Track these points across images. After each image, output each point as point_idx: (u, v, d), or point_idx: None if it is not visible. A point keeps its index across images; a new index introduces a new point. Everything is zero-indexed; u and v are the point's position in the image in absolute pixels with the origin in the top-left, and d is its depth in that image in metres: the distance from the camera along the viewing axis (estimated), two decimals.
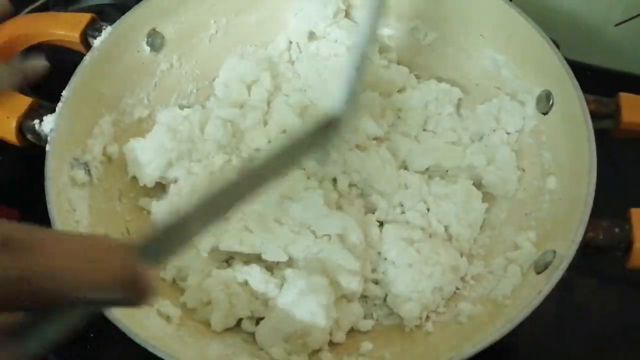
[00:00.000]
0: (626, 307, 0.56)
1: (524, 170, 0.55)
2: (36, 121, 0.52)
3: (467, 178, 0.55)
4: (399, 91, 0.60)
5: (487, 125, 0.57)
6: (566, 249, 0.42)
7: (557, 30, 0.63)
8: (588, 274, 0.58)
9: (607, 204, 0.45)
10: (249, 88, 0.59)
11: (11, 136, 0.52)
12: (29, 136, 0.52)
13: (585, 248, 0.43)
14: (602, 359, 0.54)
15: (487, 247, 0.53)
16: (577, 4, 0.64)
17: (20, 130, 0.52)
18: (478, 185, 0.55)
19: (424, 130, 0.59)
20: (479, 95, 0.60)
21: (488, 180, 0.54)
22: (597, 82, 0.50)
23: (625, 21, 0.63)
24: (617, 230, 0.44)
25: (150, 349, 0.41)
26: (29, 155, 0.51)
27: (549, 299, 0.41)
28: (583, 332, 0.54)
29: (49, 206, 0.46)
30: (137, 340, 0.41)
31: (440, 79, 0.61)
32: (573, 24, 0.65)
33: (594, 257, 0.45)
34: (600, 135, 0.48)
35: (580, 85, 0.49)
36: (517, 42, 0.55)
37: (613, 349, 0.54)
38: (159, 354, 0.41)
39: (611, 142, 0.50)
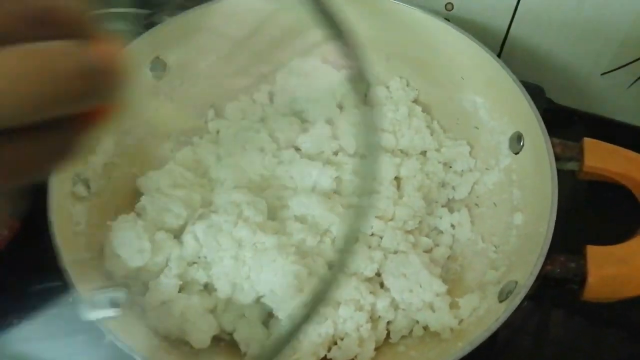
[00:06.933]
0: (602, 344, 0.59)
1: (495, 205, 0.59)
2: None
3: None
4: None
5: None
6: (525, 279, 0.46)
7: (546, 77, 0.68)
8: (564, 309, 0.61)
9: (567, 240, 0.49)
10: None
11: None
12: None
13: (544, 280, 0.47)
14: None
15: (458, 274, 0.57)
16: (566, 53, 0.68)
17: None
18: None
19: None
20: (459, 133, 0.64)
21: None
22: (584, 127, 0.53)
23: (611, 71, 0.67)
24: (572, 264, 0.48)
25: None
26: None
27: (526, 333, 0.47)
28: None
29: (50, 218, 0.50)
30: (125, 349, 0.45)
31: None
32: (561, 73, 0.69)
33: (560, 293, 0.48)
34: (567, 176, 0.52)
35: (564, 130, 0.53)
36: (493, 87, 0.60)
37: None
38: None
39: (575, 183, 0.54)
